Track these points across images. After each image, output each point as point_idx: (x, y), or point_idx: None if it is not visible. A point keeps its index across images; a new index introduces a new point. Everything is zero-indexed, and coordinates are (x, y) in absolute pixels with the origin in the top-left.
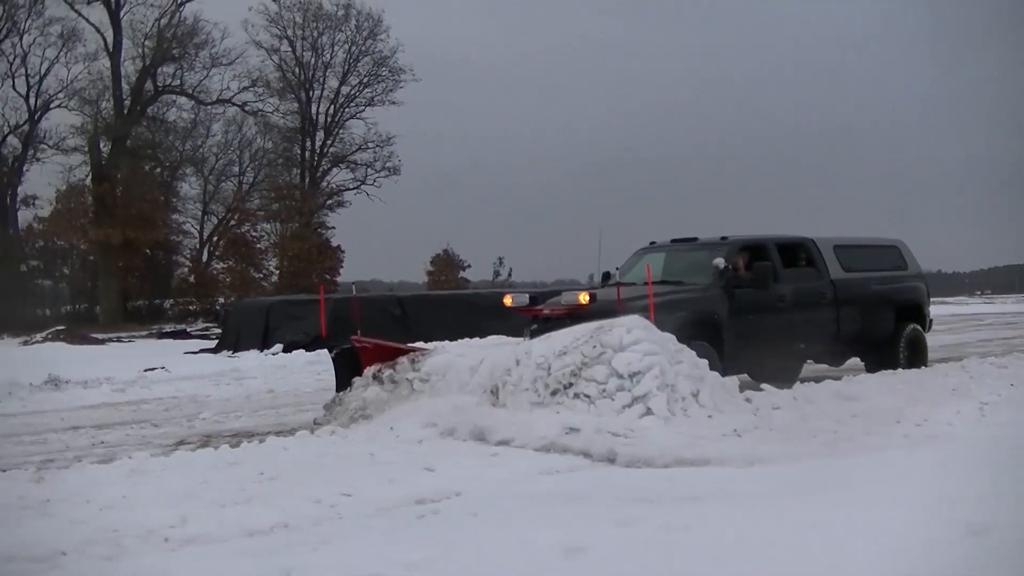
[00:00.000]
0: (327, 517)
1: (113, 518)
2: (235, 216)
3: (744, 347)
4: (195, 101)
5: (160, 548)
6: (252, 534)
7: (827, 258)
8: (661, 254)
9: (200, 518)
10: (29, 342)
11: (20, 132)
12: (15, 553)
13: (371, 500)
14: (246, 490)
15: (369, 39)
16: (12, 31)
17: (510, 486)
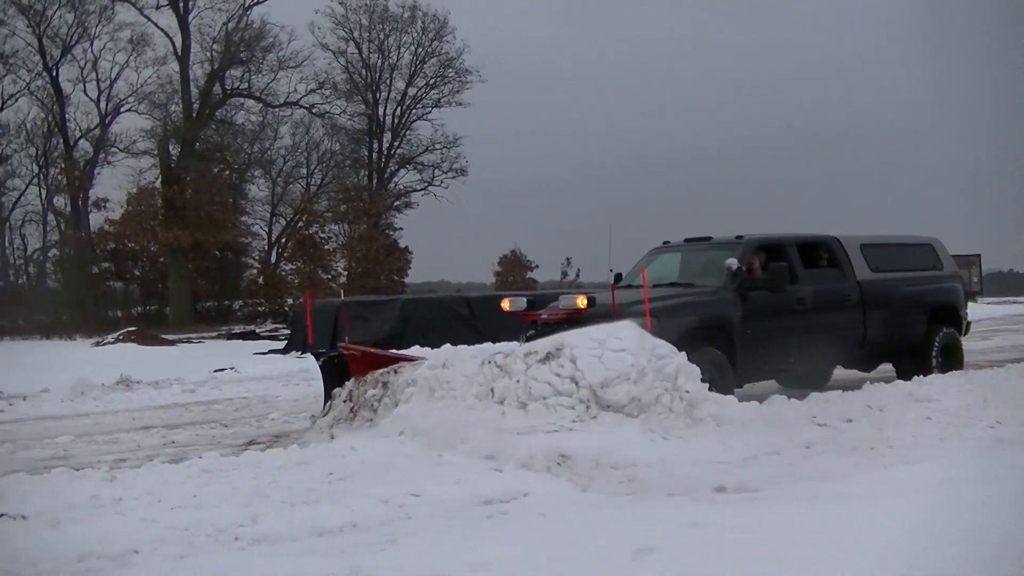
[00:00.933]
0: (395, 517)
1: (184, 517)
2: (303, 218)
3: (759, 353)
4: (263, 104)
5: (230, 547)
6: (321, 533)
7: (853, 258)
8: (674, 254)
9: (270, 517)
10: (101, 343)
11: (91, 136)
12: (89, 551)
13: (439, 500)
14: (315, 490)
15: (435, 41)
16: (83, 37)
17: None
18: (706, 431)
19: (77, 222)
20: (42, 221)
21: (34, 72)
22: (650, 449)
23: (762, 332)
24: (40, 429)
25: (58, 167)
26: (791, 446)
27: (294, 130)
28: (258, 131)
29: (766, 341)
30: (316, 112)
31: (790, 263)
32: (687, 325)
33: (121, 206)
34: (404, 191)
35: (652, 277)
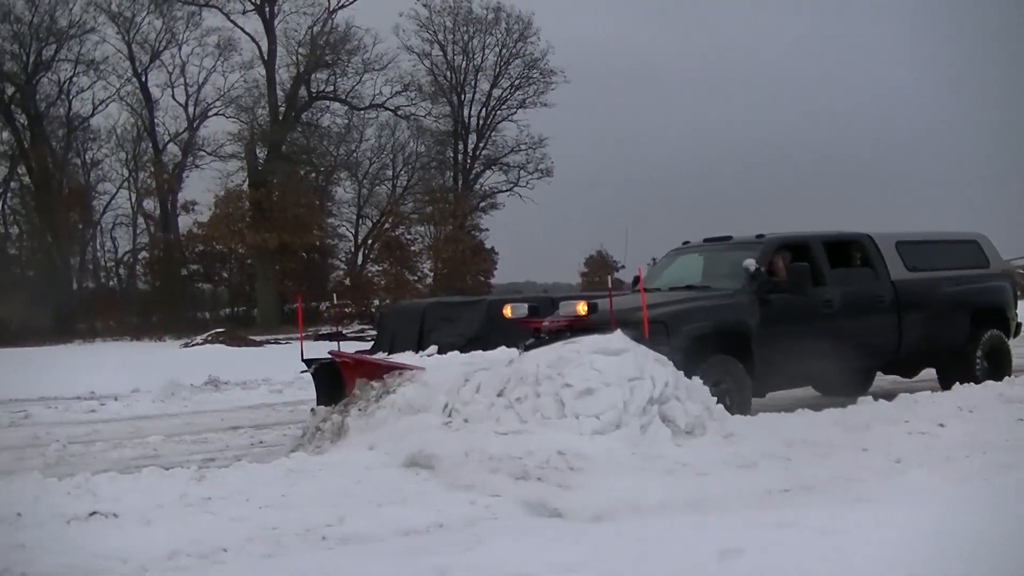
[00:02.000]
0: (481, 518)
1: (272, 516)
2: (389, 219)
3: (781, 360)
4: (348, 106)
5: (318, 546)
6: (407, 533)
7: (887, 256)
8: (693, 256)
9: (357, 517)
10: (190, 344)
11: (180, 140)
12: (179, 549)
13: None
14: (401, 490)
15: (519, 42)
16: (171, 43)
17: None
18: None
19: (166, 225)
20: (132, 224)
21: (124, 78)
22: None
23: (784, 338)
24: (131, 429)
25: (147, 171)
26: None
27: (379, 132)
28: (344, 133)
29: (789, 347)
30: (401, 114)
31: (816, 263)
32: (698, 331)
33: (209, 209)
34: (489, 192)
35: (670, 279)
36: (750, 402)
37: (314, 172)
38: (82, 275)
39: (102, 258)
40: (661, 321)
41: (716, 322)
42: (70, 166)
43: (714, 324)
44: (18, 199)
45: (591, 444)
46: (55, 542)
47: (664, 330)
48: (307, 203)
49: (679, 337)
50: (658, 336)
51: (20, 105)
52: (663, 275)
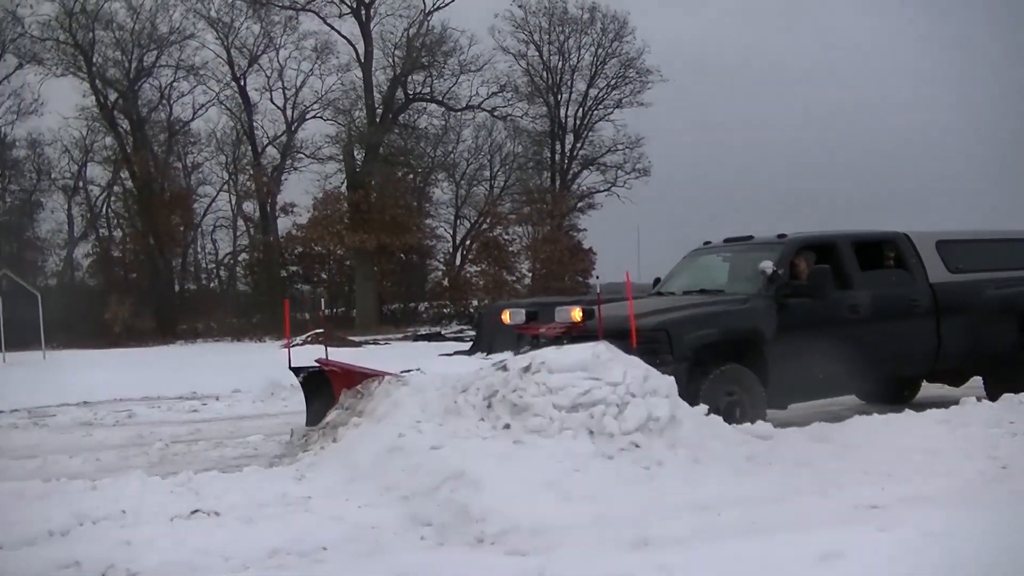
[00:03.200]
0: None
1: (371, 515)
2: (487, 220)
3: (800, 369)
4: (445, 108)
5: (417, 546)
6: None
7: (925, 257)
8: (711, 257)
9: None
10: (289, 345)
11: (278, 143)
12: (280, 547)
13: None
14: None
15: (615, 41)
16: (269, 47)
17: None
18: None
19: (266, 227)
20: (232, 227)
21: (223, 82)
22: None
23: (803, 345)
24: (232, 428)
25: (247, 174)
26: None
27: (476, 133)
28: (441, 135)
29: (809, 355)
30: (498, 115)
31: (842, 265)
32: (704, 339)
33: (308, 211)
34: (587, 192)
35: (686, 283)
36: (764, 414)
37: (412, 173)
38: (184, 277)
39: (203, 260)
40: (663, 328)
41: (725, 329)
42: (171, 170)
43: (723, 331)
44: (121, 203)
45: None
46: (159, 539)
47: (666, 338)
48: (405, 204)
49: (682, 345)
50: (660, 344)
51: (123, 111)
52: (680, 278)
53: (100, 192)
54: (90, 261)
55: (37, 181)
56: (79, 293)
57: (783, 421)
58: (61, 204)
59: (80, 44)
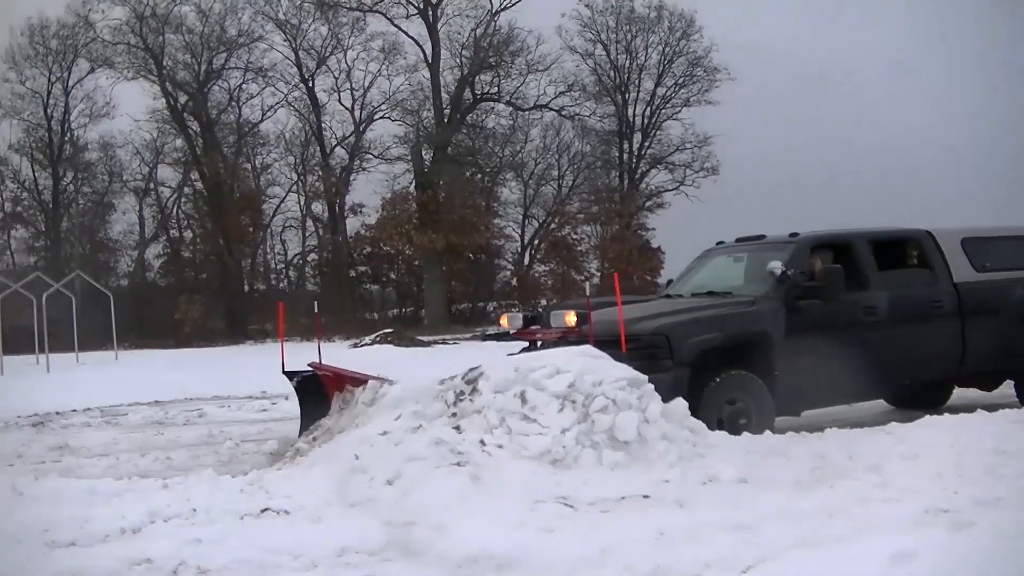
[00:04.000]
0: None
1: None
2: (555, 219)
3: (812, 375)
4: (513, 107)
5: None
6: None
7: (950, 256)
8: (723, 258)
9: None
10: (359, 344)
11: (347, 143)
12: (348, 546)
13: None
14: None
15: (682, 40)
16: (337, 48)
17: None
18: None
19: (334, 227)
20: (301, 227)
21: (292, 84)
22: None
23: (815, 349)
24: None
25: (315, 174)
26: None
27: (544, 132)
28: (509, 134)
29: (821, 360)
30: (566, 114)
31: (859, 265)
32: (706, 344)
33: (376, 211)
34: (656, 191)
35: (694, 284)
36: (772, 422)
37: (480, 173)
38: (253, 277)
39: (272, 261)
40: (662, 333)
41: (728, 333)
42: (241, 171)
43: (727, 335)
44: (191, 204)
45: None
46: (229, 537)
47: (666, 342)
48: (473, 204)
49: (683, 350)
50: (659, 349)
51: (193, 113)
52: (690, 279)
53: (171, 193)
54: (161, 262)
55: (109, 183)
56: (150, 293)
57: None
58: (132, 205)
59: (151, 48)
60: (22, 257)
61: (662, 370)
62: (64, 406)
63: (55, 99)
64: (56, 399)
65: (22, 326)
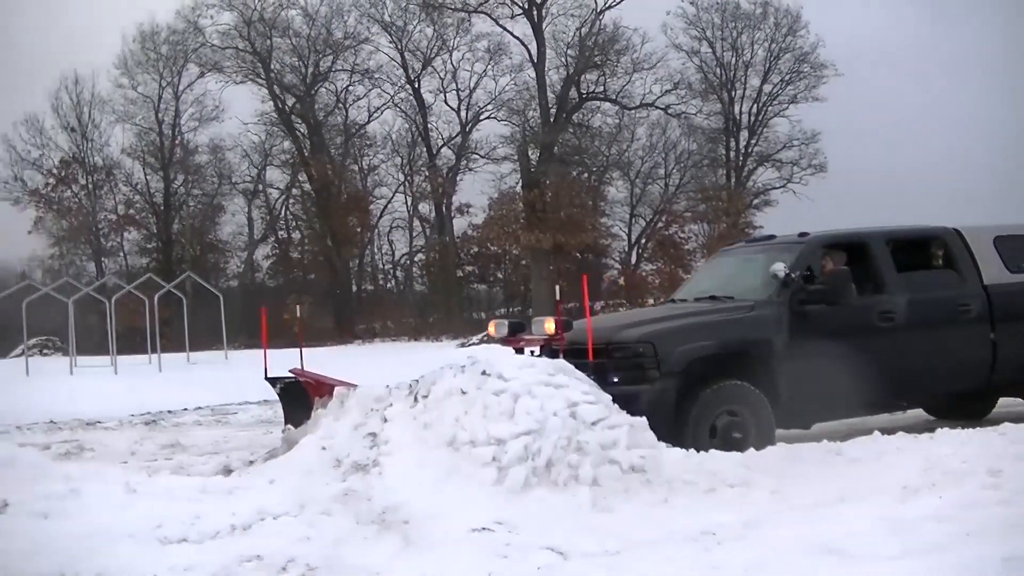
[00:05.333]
0: None
1: None
2: (662, 218)
3: (818, 385)
4: (619, 106)
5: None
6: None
7: (980, 256)
8: (732, 259)
9: None
10: (466, 344)
11: (453, 144)
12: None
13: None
14: None
15: (788, 36)
16: (442, 49)
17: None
18: None
19: (441, 227)
20: (408, 227)
21: (397, 85)
22: None
23: (824, 357)
24: None
25: (422, 175)
26: None
27: (651, 131)
28: (615, 133)
29: (830, 369)
30: (672, 112)
31: (875, 266)
32: (697, 353)
33: (483, 211)
34: (763, 189)
35: (699, 288)
36: (773, 436)
37: (586, 172)
38: (361, 278)
39: (380, 261)
40: (648, 341)
41: (723, 341)
42: (348, 172)
43: (721, 343)
44: (299, 205)
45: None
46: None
47: (652, 351)
48: (580, 203)
49: (671, 360)
50: (645, 359)
51: (300, 115)
52: (696, 283)
53: (279, 195)
54: (270, 263)
55: (219, 185)
56: (259, 294)
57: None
58: (242, 207)
59: (258, 51)
60: (135, 259)
61: (648, 380)
62: (176, 405)
63: (166, 103)
64: (168, 398)
65: (135, 326)
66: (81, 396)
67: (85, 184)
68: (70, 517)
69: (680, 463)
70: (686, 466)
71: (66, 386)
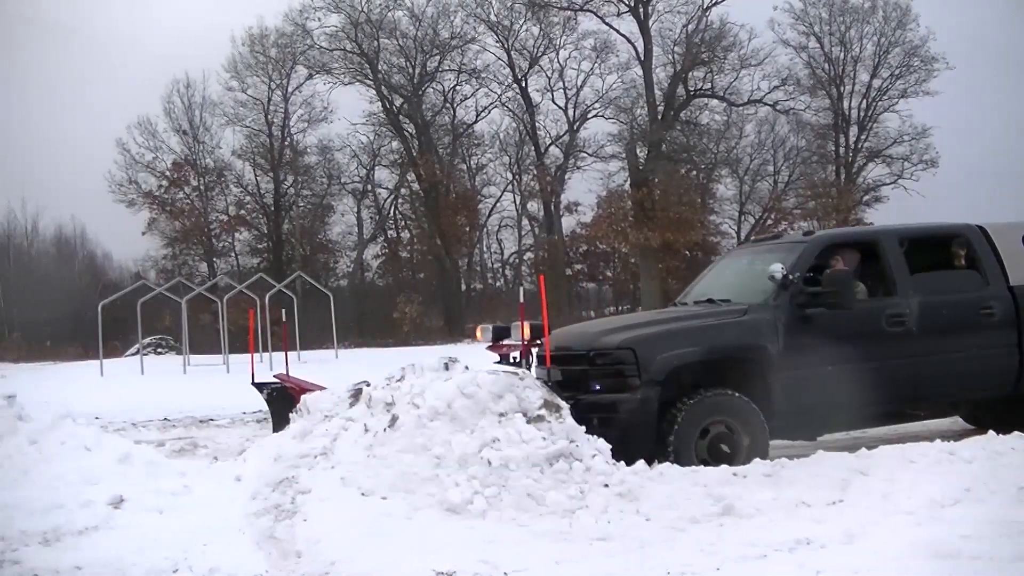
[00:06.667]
0: None
1: None
2: (771, 215)
3: (819, 394)
4: (726, 103)
5: None
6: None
7: (1007, 255)
8: (737, 260)
9: None
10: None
11: (561, 142)
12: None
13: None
14: None
15: (898, 29)
16: (549, 48)
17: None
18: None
19: (550, 226)
20: (517, 226)
21: (505, 84)
22: None
23: (825, 365)
24: None
25: (530, 174)
26: None
27: (759, 128)
28: (723, 130)
29: (834, 377)
30: (780, 109)
31: (886, 267)
32: (681, 360)
33: (591, 209)
34: (873, 185)
35: (700, 290)
36: (766, 448)
37: (694, 170)
38: (470, 276)
39: (488, 260)
40: (628, 347)
41: (709, 347)
42: (456, 171)
43: (707, 349)
44: (408, 205)
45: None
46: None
47: (633, 358)
48: (689, 201)
49: (652, 367)
50: (626, 366)
51: (408, 115)
52: (700, 285)
53: (388, 195)
54: (379, 262)
55: (328, 185)
56: (369, 293)
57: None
58: (351, 207)
59: (366, 53)
60: (246, 259)
61: (628, 389)
62: None
63: (275, 105)
64: None
65: (246, 326)
66: (194, 394)
67: (197, 186)
68: (184, 512)
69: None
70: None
71: (180, 384)
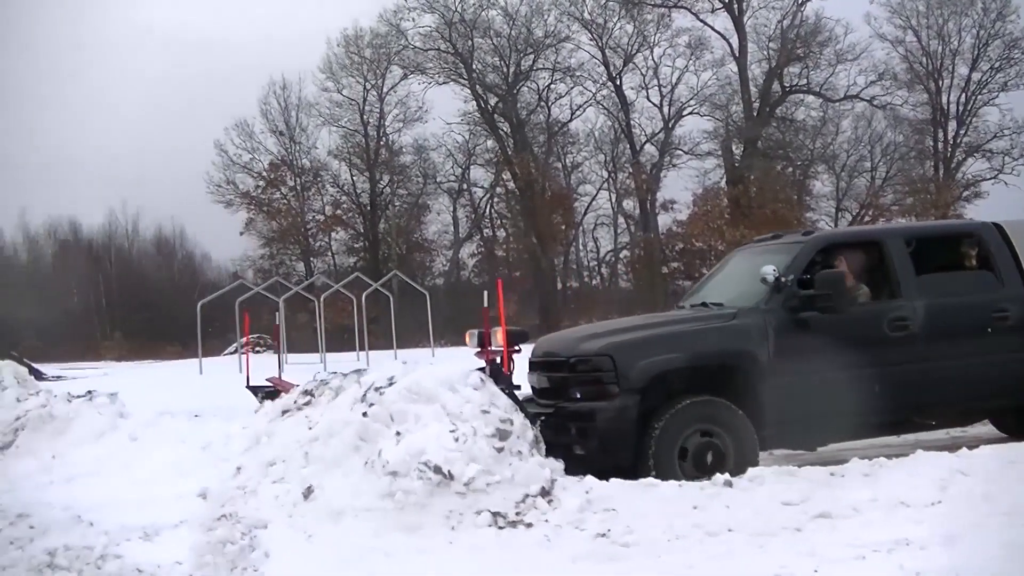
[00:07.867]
0: None
1: None
2: (869, 212)
3: (818, 403)
4: (823, 99)
5: None
6: None
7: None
8: (739, 260)
9: None
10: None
11: (656, 140)
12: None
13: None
14: None
15: (997, 21)
16: (643, 45)
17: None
18: None
19: (646, 224)
20: (612, 224)
21: (599, 83)
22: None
23: (821, 371)
24: None
25: (626, 172)
26: None
27: (856, 123)
28: (819, 126)
29: (829, 384)
30: (877, 104)
31: (890, 268)
32: (663, 366)
33: (687, 207)
34: (973, 181)
35: (702, 292)
36: (756, 458)
37: (791, 166)
38: (566, 275)
39: (585, 258)
40: (606, 354)
41: (695, 353)
42: (551, 170)
43: (691, 356)
44: (504, 203)
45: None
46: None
47: (611, 365)
48: (785, 198)
49: (631, 375)
50: (604, 373)
51: (503, 114)
52: (702, 287)
53: (483, 193)
54: (475, 261)
55: (424, 185)
56: (465, 292)
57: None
58: (446, 206)
59: (460, 52)
60: (342, 258)
61: (607, 397)
62: None
63: (370, 105)
64: None
65: (343, 324)
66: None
67: (293, 186)
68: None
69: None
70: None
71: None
